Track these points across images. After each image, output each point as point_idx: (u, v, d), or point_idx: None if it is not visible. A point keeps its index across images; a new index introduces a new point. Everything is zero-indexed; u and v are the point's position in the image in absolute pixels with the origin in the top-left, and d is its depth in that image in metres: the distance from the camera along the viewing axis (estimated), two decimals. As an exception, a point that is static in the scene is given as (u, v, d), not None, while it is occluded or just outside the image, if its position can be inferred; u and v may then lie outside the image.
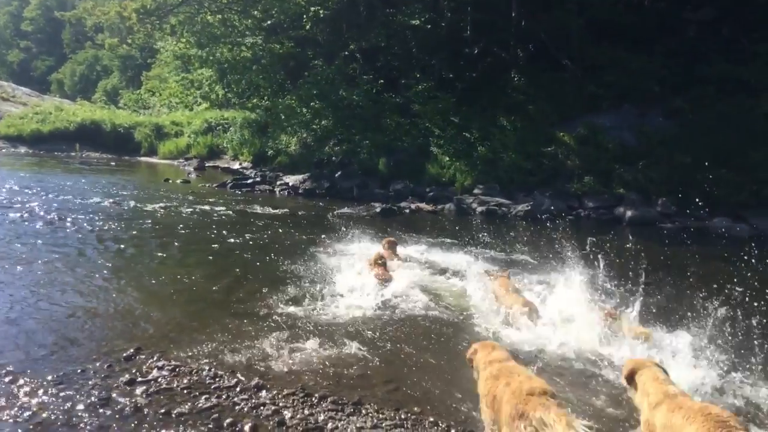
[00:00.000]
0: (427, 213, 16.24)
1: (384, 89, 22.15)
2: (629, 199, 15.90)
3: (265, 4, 24.44)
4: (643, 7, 21.54)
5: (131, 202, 14.63)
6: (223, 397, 4.79)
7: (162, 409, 4.51)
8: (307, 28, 23.68)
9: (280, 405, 4.70)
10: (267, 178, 20.60)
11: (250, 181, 20.01)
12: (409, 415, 4.66)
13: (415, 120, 21.05)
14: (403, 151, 19.95)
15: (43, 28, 76.10)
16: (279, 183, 19.76)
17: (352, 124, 21.56)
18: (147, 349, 5.59)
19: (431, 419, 4.61)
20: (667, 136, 17.32)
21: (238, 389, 4.92)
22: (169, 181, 20.15)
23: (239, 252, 10.00)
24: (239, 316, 6.66)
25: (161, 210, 13.77)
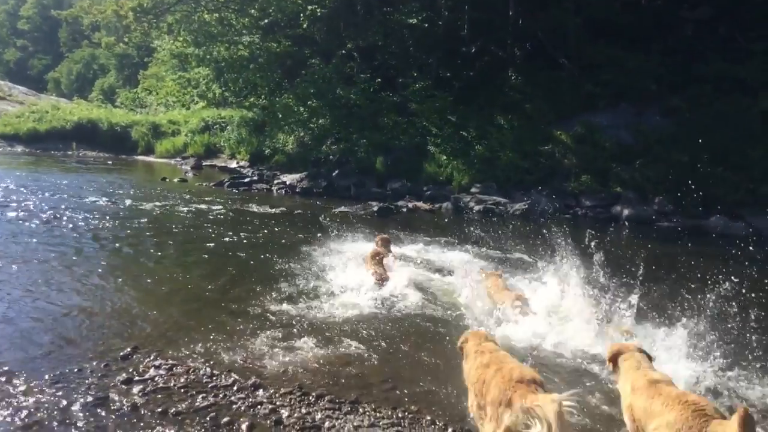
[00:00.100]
0: (425, 212, 16.24)
1: (381, 88, 22.15)
2: (626, 197, 15.93)
3: (262, 2, 24.43)
4: (640, 6, 21.54)
5: (128, 201, 14.61)
6: (220, 396, 4.78)
7: (159, 408, 4.51)
8: (305, 26, 23.66)
9: (277, 404, 4.69)
10: (264, 176, 20.61)
11: (247, 179, 19.99)
12: (406, 413, 4.66)
13: (413, 119, 21.07)
14: (400, 149, 19.97)
15: (40, 27, 75.97)
16: (276, 182, 19.74)
17: (349, 122, 21.59)
18: (144, 348, 5.59)
19: (428, 418, 4.61)
20: (664, 134, 17.34)
21: (235, 388, 4.91)
22: (166, 180, 20.12)
23: (236, 251, 9.99)
24: (236, 315, 6.66)
25: (158, 209, 13.75)
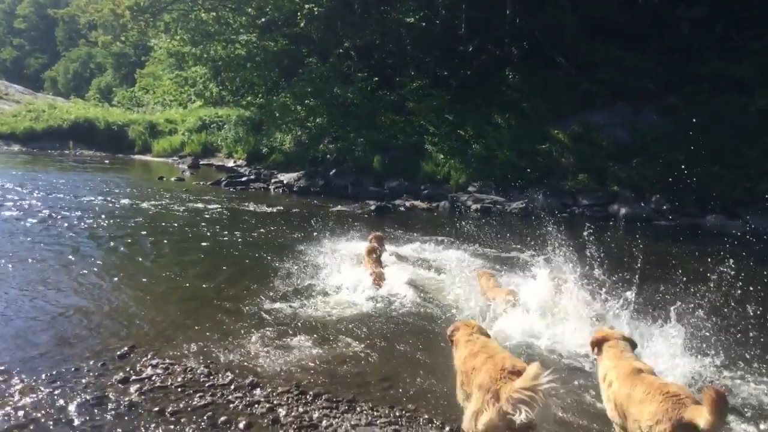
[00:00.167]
0: (422, 211, 16.26)
1: (378, 87, 22.13)
2: (623, 196, 15.95)
3: (259, 1, 24.38)
4: (636, 5, 21.57)
5: (125, 200, 14.58)
6: (218, 395, 4.78)
7: (156, 408, 4.50)
8: (302, 25, 23.64)
9: (275, 403, 4.69)
10: (261, 175, 20.58)
11: (244, 179, 19.95)
12: (403, 412, 4.66)
13: (410, 117, 21.07)
14: (397, 148, 19.97)
15: (36, 26, 75.73)
16: (273, 181, 19.71)
17: (346, 121, 21.57)
18: (141, 347, 5.58)
19: (426, 416, 4.62)
20: (661, 133, 17.36)
21: (232, 387, 4.91)
22: (163, 179, 20.08)
23: (233, 250, 9.99)
24: (233, 314, 6.66)
25: (155, 208, 13.72)
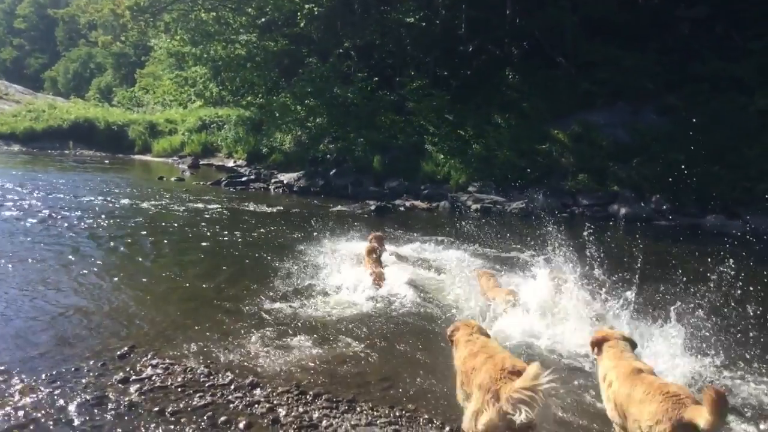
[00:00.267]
0: (422, 211, 16.26)
1: (378, 87, 22.13)
2: (623, 196, 15.96)
3: (260, 1, 24.36)
4: (636, 5, 21.58)
5: (125, 200, 14.58)
6: (218, 395, 4.78)
7: (156, 408, 4.50)
8: (302, 25, 23.64)
9: (275, 403, 4.69)
10: (261, 175, 20.58)
11: (244, 179, 19.95)
12: (403, 412, 4.66)
13: (410, 117, 21.06)
14: (397, 148, 19.97)
15: (36, 26, 75.72)
16: (273, 181, 19.71)
17: (346, 121, 21.56)
18: (141, 347, 5.58)
19: (426, 416, 4.61)
20: (661, 133, 17.36)
21: (232, 387, 4.91)
22: (163, 179, 20.08)
23: (233, 250, 9.99)
24: (233, 314, 6.66)
25: (154, 208, 13.72)
